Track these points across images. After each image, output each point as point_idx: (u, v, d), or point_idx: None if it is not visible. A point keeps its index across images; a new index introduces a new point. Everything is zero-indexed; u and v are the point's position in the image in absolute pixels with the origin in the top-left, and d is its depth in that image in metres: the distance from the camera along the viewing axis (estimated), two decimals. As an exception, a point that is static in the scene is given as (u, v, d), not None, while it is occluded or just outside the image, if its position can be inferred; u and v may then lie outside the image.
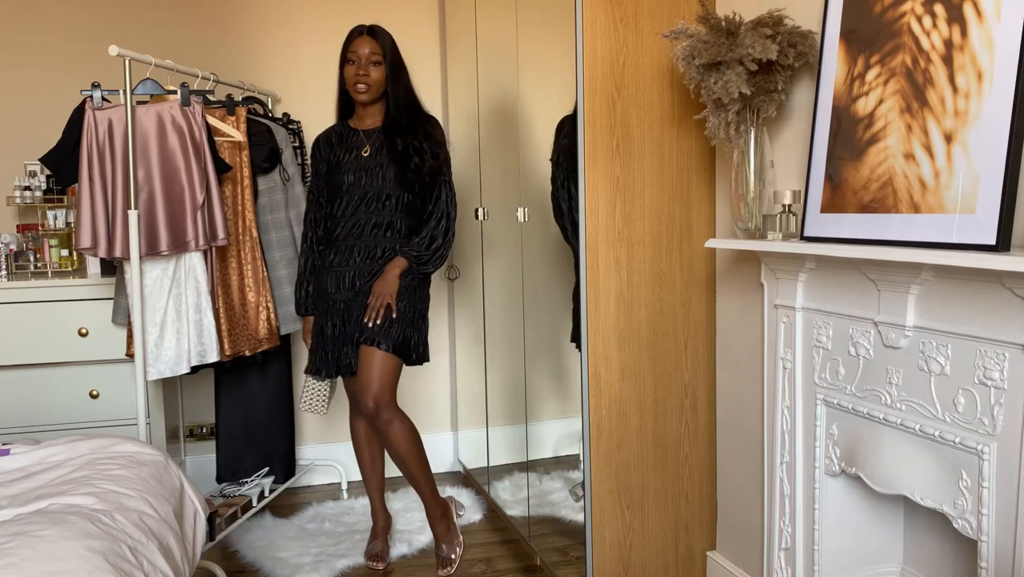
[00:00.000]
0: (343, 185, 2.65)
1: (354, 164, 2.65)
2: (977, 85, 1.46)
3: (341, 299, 2.65)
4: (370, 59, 2.59)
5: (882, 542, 1.93)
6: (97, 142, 2.54)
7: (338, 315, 2.66)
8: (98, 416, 2.97)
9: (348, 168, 2.65)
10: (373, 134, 2.68)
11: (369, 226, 2.64)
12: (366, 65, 2.59)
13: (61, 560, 1.39)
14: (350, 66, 2.61)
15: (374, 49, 2.59)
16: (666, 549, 2.44)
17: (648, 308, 2.35)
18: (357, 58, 2.60)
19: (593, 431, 2.32)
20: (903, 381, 1.64)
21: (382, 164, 2.63)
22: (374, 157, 2.64)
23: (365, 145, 2.65)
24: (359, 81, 2.59)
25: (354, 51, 2.60)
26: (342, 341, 2.65)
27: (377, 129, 2.68)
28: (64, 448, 1.99)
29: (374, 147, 2.65)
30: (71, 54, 3.32)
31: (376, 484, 2.88)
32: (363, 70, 2.59)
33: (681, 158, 2.35)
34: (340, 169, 2.66)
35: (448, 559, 2.76)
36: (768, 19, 1.90)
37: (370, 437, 2.84)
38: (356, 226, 2.64)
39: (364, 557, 2.82)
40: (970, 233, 1.44)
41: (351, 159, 2.66)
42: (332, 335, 2.66)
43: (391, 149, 2.62)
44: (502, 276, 3.08)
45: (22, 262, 3.09)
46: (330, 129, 2.77)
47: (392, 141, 2.62)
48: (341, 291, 2.65)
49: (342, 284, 2.65)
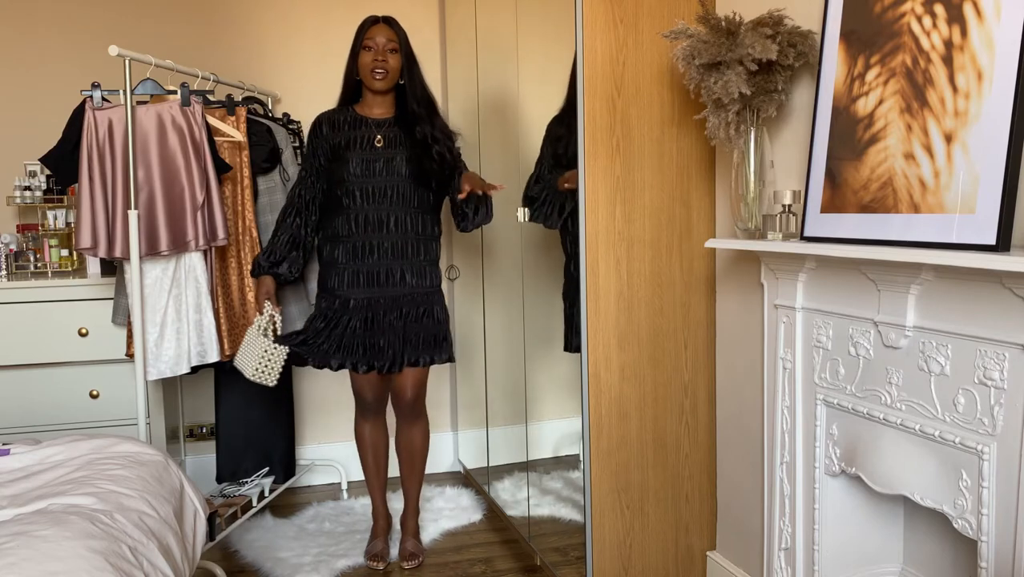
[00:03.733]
0: (348, 176, 2.58)
1: (365, 154, 2.59)
2: (977, 85, 1.46)
3: (362, 296, 2.60)
4: (387, 47, 2.58)
5: (882, 542, 1.93)
6: (97, 142, 2.54)
7: (359, 313, 2.61)
8: (98, 416, 2.97)
9: (357, 158, 2.58)
10: (384, 124, 2.63)
11: (390, 223, 2.58)
12: (384, 52, 2.58)
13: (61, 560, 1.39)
14: (367, 52, 2.59)
15: (391, 37, 2.59)
16: (666, 549, 2.44)
17: (648, 308, 2.35)
18: (375, 44, 2.58)
19: (593, 431, 2.32)
20: (903, 381, 1.65)
21: (394, 156, 2.59)
22: (388, 148, 2.60)
23: (377, 135, 2.61)
24: (377, 67, 2.57)
25: (371, 38, 2.58)
26: (380, 338, 2.60)
27: (388, 119, 2.64)
28: (64, 448, 1.99)
29: (387, 138, 2.61)
30: (71, 54, 3.32)
31: (380, 485, 2.89)
32: (381, 56, 2.57)
33: (681, 158, 2.35)
34: (346, 157, 2.59)
35: (417, 553, 2.83)
36: (768, 19, 1.91)
37: (376, 439, 2.84)
38: (371, 222, 2.58)
39: (365, 557, 2.82)
40: (970, 233, 1.43)
41: (360, 148, 2.60)
42: (360, 331, 2.60)
43: (410, 139, 2.59)
44: (502, 276, 3.08)
45: (22, 262, 3.09)
46: (333, 112, 2.69)
47: (411, 131, 2.59)
48: (358, 288, 2.60)
49: (357, 283, 2.60)
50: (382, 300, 2.62)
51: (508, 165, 2.94)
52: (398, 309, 2.63)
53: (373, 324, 2.62)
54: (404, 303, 2.63)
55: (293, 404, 3.38)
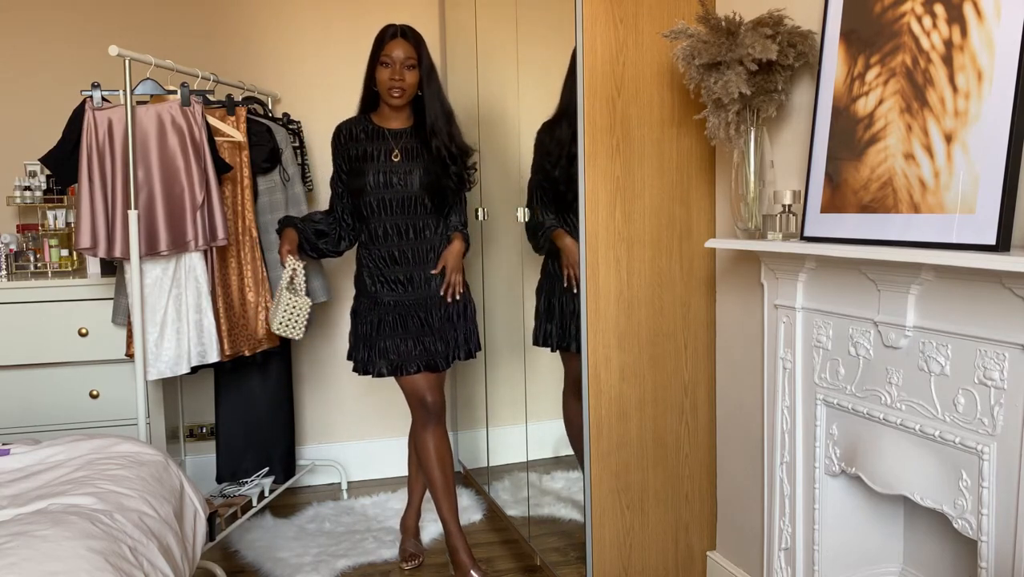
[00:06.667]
0: (366, 188, 2.57)
1: (382, 167, 2.57)
2: (977, 85, 1.46)
3: (392, 299, 2.59)
4: (405, 63, 2.53)
5: (882, 542, 1.93)
6: (97, 142, 2.54)
7: (390, 312, 2.59)
8: (98, 416, 2.97)
9: (374, 171, 2.57)
10: (401, 136, 2.62)
11: (409, 233, 2.58)
12: (401, 69, 2.53)
13: (61, 560, 1.39)
14: (384, 68, 2.54)
15: (409, 53, 2.54)
16: (666, 549, 2.44)
17: (648, 308, 2.35)
18: (392, 61, 2.53)
19: (593, 431, 2.32)
20: (903, 381, 1.64)
21: (412, 169, 2.58)
22: (405, 161, 2.58)
23: (394, 149, 2.59)
24: (394, 87, 2.53)
25: (388, 54, 2.53)
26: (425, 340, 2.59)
27: (405, 131, 2.62)
28: (64, 448, 1.99)
29: (404, 150, 2.60)
30: (71, 54, 3.32)
31: (422, 486, 2.90)
32: (398, 75, 2.53)
33: (681, 158, 2.35)
34: (363, 170, 2.58)
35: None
36: (768, 19, 1.91)
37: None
38: (390, 233, 2.58)
39: (400, 558, 2.83)
40: (970, 233, 1.43)
41: (377, 160, 2.59)
42: (400, 331, 2.58)
43: (427, 152, 2.58)
44: (502, 276, 3.08)
45: (22, 262, 3.09)
46: (352, 121, 2.67)
47: (428, 143, 2.58)
48: (385, 292, 2.59)
49: (388, 289, 2.59)
50: (412, 303, 2.60)
51: (508, 167, 2.94)
52: (426, 311, 2.61)
53: (408, 325, 2.60)
54: (433, 304, 2.61)
55: (293, 404, 3.38)
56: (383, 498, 3.38)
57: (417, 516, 2.95)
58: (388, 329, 2.58)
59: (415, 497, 2.93)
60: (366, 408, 3.68)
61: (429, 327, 2.60)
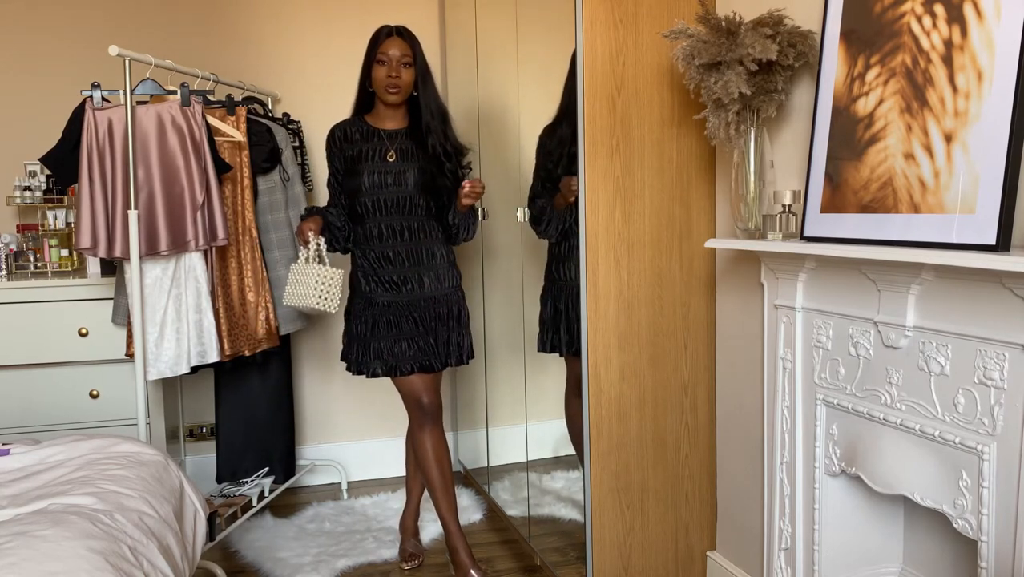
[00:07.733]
0: (361, 188, 2.57)
1: (377, 167, 2.57)
2: (977, 85, 1.46)
3: (386, 300, 2.58)
4: (401, 61, 2.54)
5: (882, 542, 1.93)
6: (97, 142, 2.54)
7: (385, 313, 2.58)
8: (98, 416, 2.97)
9: (369, 171, 2.57)
10: (396, 136, 2.62)
11: (404, 233, 2.58)
12: (397, 67, 2.54)
13: (61, 560, 1.39)
14: (380, 67, 2.55)
15: (405, 51, 2.55)
16: (666, 549, 2.44)
17: (648, 308, 2.35)
18: (388, 59, 2.54)
19: (593, 431, 2.32)
20: (903, 381, 1.65)
21: (406, 169, 2.58)
22: (400, 161, 2.58)
23: (389, 149, 2.59)
24: (391, 84, 2.54)
25: (384, 52, 2.54)
26: (419, 341, 2.58)
27: (400, 131, 2.62)
28: (64, 448, 1.99)
29: (399, 151, 2.60)
30: (71, 54, 3.32)
31: (420, 486, 2.90)
32: (395, 72, 2.54)
33: (681, 158, 2.35)
34: (358, 171, 2.58)
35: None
36: (768, 19, 1.91)
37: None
38: (385, 233, 2.58)
39: (400, 558, 2.83)
40: (970, 233, 1.44)
41: (372, 160, 2.58)
42: (394, 332, 2.58)
43: (423, 152, 2.58)
44: (502, 276, 3.08)
45: (22, 262, 3.09)
46: (346, 123, 2.67)
47: (423, 143, 2.58)
48: (379, 292, 2.58)
49: (383, 289, 2.58)
50: (406, 304, 2.59)
51: (508, 166, 2.94)
52: (420, 312, 2.60)
53: (403, 326, 2.60)
54: (428, 305, 2.61)
55: (293, 404, 3.38)
56: (383, 498, 3.38)
57: (416, 516, 2.95)
58: (382, 330, 2.58)
59: (413, 497, 2.93)
60: (366, 408, 3.68)
61: (423, 328, 2.59)
